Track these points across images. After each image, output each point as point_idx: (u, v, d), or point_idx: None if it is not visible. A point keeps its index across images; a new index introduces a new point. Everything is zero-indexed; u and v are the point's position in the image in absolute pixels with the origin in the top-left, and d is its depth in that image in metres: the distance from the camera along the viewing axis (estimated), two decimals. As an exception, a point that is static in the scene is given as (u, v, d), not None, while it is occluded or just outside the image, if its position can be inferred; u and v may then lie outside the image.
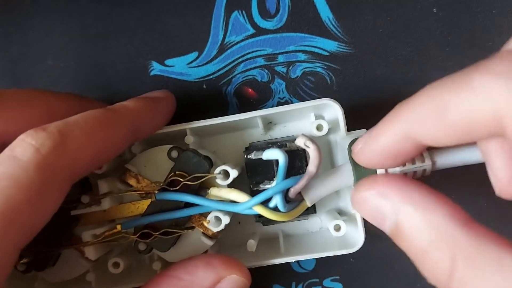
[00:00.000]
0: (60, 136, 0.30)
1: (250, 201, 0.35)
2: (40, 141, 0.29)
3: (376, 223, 0.29)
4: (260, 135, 0.43)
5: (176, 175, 0.38)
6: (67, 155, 0.30)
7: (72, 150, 0.30)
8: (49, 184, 0.29)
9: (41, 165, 0.29)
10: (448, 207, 0.25)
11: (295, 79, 0.45)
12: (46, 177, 0.29)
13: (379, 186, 0.29)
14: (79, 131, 0.31)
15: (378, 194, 0.28)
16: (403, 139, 0.27)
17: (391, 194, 0.28)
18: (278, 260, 0.40)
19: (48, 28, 0.46)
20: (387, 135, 0.28)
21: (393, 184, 0.28)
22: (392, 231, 0.28)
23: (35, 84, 0.46)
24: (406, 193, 0.27)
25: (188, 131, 0.40)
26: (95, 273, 0.41)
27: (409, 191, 0.27)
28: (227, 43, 0.45)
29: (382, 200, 0.28)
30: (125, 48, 0.46)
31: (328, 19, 0.44)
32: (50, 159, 0.29)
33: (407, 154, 0.28)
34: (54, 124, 0.31)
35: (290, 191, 0.36)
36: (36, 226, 0.29)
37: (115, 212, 0.40)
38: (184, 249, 0.40)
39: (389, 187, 0.28)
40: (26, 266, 0.38)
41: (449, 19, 0.44)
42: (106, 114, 0.34)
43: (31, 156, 0.29)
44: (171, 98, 0.42)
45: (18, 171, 0.28)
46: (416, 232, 0.26)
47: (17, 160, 0.28)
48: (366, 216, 0.30)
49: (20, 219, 0.27)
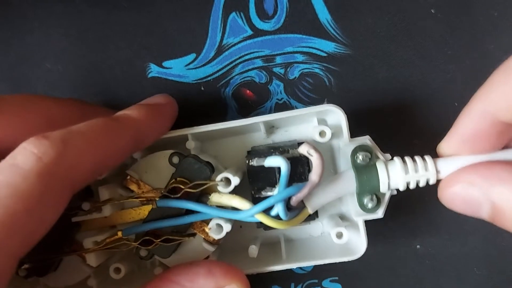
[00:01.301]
0: (62, 145, 0.30)
1: (252, 210, 0.35)
2: (43, 149, 0.29)
3: (471, 213, 0.29)
4: (262, 139, 0.43)
5: (177, 181, 0.38)
6: (69, 164, 0.30)
7: (74, 159, 0.30)
8: (50, 193, 0.29)
9: (42, 174, 0.28)
10: None
11: (293, 80, 0.45)
12: (47, 186, 0.28)
13: (464, 176, 0.29)
14: (81, 140, 0.31)
15: (466, 184, 0.28)
16: (480, 118, 0.27)
17: (479, 180, 0.28)
18: (279, 266, 0.40)
19: (46, 32, 0.46)
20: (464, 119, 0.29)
21: (476, 170, 0.28)
22: (491, 216, 0.28)
23: (34, 89, 0.46)
24: (492, 175, 0.27)
25: (190, 136, 0.40)
26: (97, 279, 0.41)
27: (494, 172, 0.27)
28: (225, 45, 0.45)
29: (472, 189, 0.28)
30: (123, 51, 0.46)
31: (326, 21, 0.44)
32: (52, 168, 0.29)
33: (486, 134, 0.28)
34: (57, 133, 0.30)
35: (292, 199, 0.36)
36: (36, 235, 0.29)
37: (116, 218, 0.40)
38: (186, 255, 0.40)
39: (474, 175, 0.28)
40: (28, 272, 0.38)
41: (449, 21, 0.44)
42: (109, 123, 0.34)
43: (33, 165, 0.28)
44: (173, 104, 0.42)
45: (18, 180, 0.28)
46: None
47: (18, 168, 0.28)
48: (460, 210, 0.30)
49: (19, 228, 0.27)
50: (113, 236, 0.39)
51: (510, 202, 0.26)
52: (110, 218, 0.40)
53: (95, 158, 0.32)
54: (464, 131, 0.29)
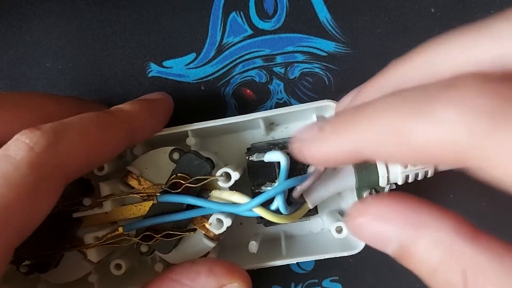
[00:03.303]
0: (54, 135, 0.30)
1: (251, 202, 0.36)
2: (35, 139, 0.29)
3: (378, 247, 0.28)
4: (261, 136, 0.43)
5: (177, 177, 0.38)
6: (61, 154, 0.30)
7: (66, 149, 0.30)
8: (42, 183, 0.29)
9: (34, 164, 0.29)
10: (452, 222, 0.25)
11: (293, 79, 0.45)
12: (39, 176, 0.29)
13: (375, 209, 0.27)
14: (73, 131, 0.31)
15: (376, 218, 0.27)
16: (352, 153, 0.26)
17: (390, 216, 0.26)
18: (280, 262, 0.40)
19: (45, 30, 0.46)
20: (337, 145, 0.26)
21: (390, 205, 0.26)
22: (396, 254, 0.27)
23: (34, 87, 0.46)
24: (406, 213, 0.26)
25: (190, 132, 0.40)
26: (98, 275, 0.41)
27: (408, 211, 0.26)
28: (225, 44, 0.45)
29: (381, 225, 0.26)
30: (123, 50, 0.46)
31: (326, 20, 0.45)
32: (44, 157, 0.29)
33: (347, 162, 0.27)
34: (49, 124, 0.31)
35: (295, 190, 0.36)
36: (29, 225, 0.29)
37: (117, 214, 0.40)
38: (186, 251, 0.40)
39: (386, 210, 0.26)
40: (29, 268, 0.38)
41: (447, 19, 0.44)
42: (102, 116, 0.34)
43: (24, 155, 0.29)
44: (168, 100, 0.42)
45: (10, 170, 0.28)
46: (424, 253, 0.25)
47: (10, 158, 0.28)
48: (366, 241, 0.28)
49: (12, 217, 0.27)
50: (114, 231, 0.39)
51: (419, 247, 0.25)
52: (111, 214, 0.40)
53: (88, 150, 0.32)
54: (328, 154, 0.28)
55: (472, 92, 0.20)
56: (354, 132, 0.25)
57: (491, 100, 0.20)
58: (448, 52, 0.25)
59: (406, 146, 0.23)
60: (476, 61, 0.23)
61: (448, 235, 0.24)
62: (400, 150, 0.23)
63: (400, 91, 0.24)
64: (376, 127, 0.24)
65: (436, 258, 0.25)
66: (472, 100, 0.20)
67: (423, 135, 0.22)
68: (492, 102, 0.20)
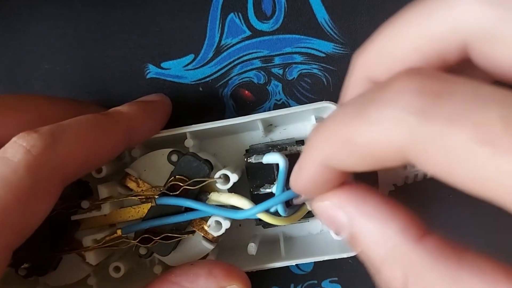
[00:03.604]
0: (51, 138, 0.30)
1: (253, 210, 0.36)
2: (32, 142, 0.29)
3: (334, 231, 0.29)
4: (260, 137, 0.43)
5: (176, 179, 0.38)
6: (58, 157, 0.30)
7: (63, 151, 0.31)
8: (40, 185, 0.29)
9: (31, 166, 0.29)
10: (403, 220, 0.24)
11: (291, 80, 0.45)
12: (36, 178, 0.29)
13: (334, 197, 0.27)
14: (71, 133, 0.32)
15: (333, 204, 0.27)
16: (322, 168, 0.26)
17: (346, 205, 0.27)
18: (279, 263, 0.40)
19: (43, 32, 0.46)
20: (307, 167, 0.27)
21: (348, 195, 0.27)
22: (348, 241, 0.27)
23: (32, 89, 0.46)
24: (361, 204, 0.26)
25: (188, 134, 0.40)
26: (96, 277, 0.41)
27: (364, 203, 0.26)
28: (223, 45, 0.45)
29: (337, 211, 0.27)
30: (121, 51, 0.46)
31: (324, 21, 0.45)
32: (41, 160, 0.29)
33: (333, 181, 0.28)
34: (47, 127, 0.31)
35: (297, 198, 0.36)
36: (28, 227, 0.29)
37: (115, 216, 0.40)
38: (185, 253, 0.40)
39: (343, 198, 0.27)
40: (27, 271, 0.38)
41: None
42: (99, 118, 0.35)
43: (21, 157, 0.29)
44: (166, 101, 0.42)
45: (7, 172, 0.28)
46: (370, 246, 0.25)
47: (7, 161, 0.29)
48: (325, 224, 0.29)
49: (10, 219, 0.28)
50: (112, 234, 0.39)
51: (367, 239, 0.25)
52: (110, 216, 0.40)
53: (85, 152, 0.32)
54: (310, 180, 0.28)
55: (402, 90, 0.21)
56: (316, 149, 0.26)
57: (419, 96, 0.20)
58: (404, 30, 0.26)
59: (354, 150, 0.23)
60: (432, 36, 0.24)
61: (394, 233, 0.24)
62: (352, 155, 0.23)
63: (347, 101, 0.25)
64: (328, 138, 0.25)
65: (381, 255, 0.25)
66: (402, 98, 0.21)
67: (364, 137, 0.22)
68: (419, 98, 0.20)
